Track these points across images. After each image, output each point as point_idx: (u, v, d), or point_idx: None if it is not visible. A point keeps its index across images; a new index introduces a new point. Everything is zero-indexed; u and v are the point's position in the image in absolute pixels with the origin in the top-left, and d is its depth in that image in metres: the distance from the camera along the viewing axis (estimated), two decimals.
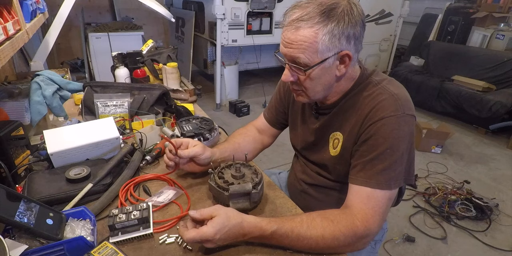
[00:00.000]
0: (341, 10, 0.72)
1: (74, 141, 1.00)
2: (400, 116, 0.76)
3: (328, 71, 0.79)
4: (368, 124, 0.79)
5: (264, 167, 2.65)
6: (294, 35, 0.74)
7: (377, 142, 0.77)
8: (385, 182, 0.76)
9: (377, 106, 0.79)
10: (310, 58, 0.75)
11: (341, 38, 0.73)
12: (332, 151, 0.92)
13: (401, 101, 0.78)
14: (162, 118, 1.38)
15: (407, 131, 0.77)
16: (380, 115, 0.77)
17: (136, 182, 0.97)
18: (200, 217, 0.71)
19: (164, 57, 1.92)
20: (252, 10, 3.55)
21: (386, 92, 0.80)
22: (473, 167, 2.85)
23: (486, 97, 3.30)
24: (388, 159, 0.76)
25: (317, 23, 0.72)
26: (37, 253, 0.62)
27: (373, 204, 0.76)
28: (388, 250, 1.91)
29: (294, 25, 0.74)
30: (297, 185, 1.10)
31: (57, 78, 1.24)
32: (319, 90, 0.83)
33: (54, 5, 2.38)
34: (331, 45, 0.73)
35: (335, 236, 0.72)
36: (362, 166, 0.79)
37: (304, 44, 0.74)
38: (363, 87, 0.85)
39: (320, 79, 0.80)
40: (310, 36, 0.72)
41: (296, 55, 0.76)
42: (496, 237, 2.04)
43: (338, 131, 0.90)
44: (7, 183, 0.85)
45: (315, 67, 0.76)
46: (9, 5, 1.04)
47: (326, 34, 0.72)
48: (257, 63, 4.47)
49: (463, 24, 4.36)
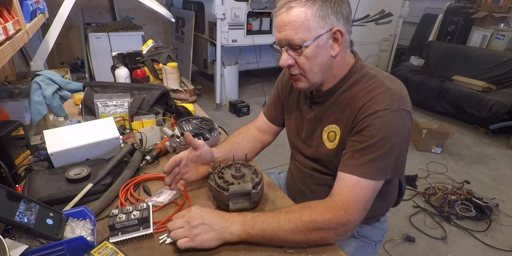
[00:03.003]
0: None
1: (74, 141, 1.00)
2: (394, 110, 0.77)
3: (323, 50, 0.81)
4: (362, 116, 0.80)
5: (264, 167, 2.65)
6: (287, 16, 0.77)
7: (370, 133, 0.78)
8: (372, 172, 0.78)
9: (372, 99, 0.80)
10: (304, 37, 0.78)
11: (330, 15, 0.78)
12: (329, 144, 0.93)
13: (397, 96, 0.79)
14: (162, 118, 1.38)
15: (401, 125, 0.78)
16: (375, 108, 0.78)
17: (136, 182, 0.97)
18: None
19: (164, 57, 1.92)
20: (252, 10, 3.55)
21: (382, 86, 0.82)
22: (473, 167, 2.85)
23: (486, 97, 3.29)
24: (378, 151, 0.77)
25: (306, 1, 0.76)
26: (37, 253, 0.62)
27: (356, 193, 0.77)
28: (388, 250, 1.91)
29: (285, 7, 0.78)
30: (294, 186, 1.11)
31: (57, 78, 1.24)
32: (317, 70, 0.84)
33: (54, 5, 2.38)
34: (322, 22, 0.77)
35: (312, 217, 0.74)
36: (351, 154, 0.81)
37: (296, 23, 0.77)
38: (359, 78, 0.86)
39: (316, 59, 0.82)
40: (301, 15, 0.76)
41: (291, 37, 0.78)
42: (496, 237, 2.04)
43: (334, 124, 0.90)
44: (7, 183, 0.85)
45: (309, 43, 0.79)
46: (9, 5, 1.04)
47: (316, 11, 0.76)
48: (257, 63, 4.47)
49: (463, 24, 4.36)
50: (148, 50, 1.98)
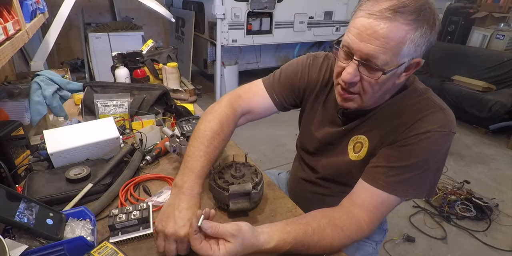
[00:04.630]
0: (434, 12, 0.64)
1: (74, 141, 1.00)
2: (446, 134, 0.72)
3: (393, 77, 0.71)
4: (410, 134, 0.73)
5: (264, 167, 2.65)
6: (383, 27, 0.61)
7: (413, 153, 0.73)
8: (403, 190, 0.74)
9: (425, 117, 0.73)
10: (390, 61, 0.65)
11: (425, 45, 0.65)
12: (353, 155, 0.86)
13: (450, 118, 0.74)
14: (162, 118, 1.38)
15: (446, 149, 0.75)
16: (427, 128, 0.72)
17: (136, 182, 0.97)
18: (214, 235, 0.62)
19: (164, 57, 1.92)
20: (252, 10, 3.55)
21: (435, 105, 0.76)
22: (473, 167, 2.85)
23: (486, 97, 3.29)
24: (416, 171, 0.73)
25: (414, 21, 0.61)
26: (37, 253, 0.62)
27: (383, 210, 0.75)
28: (388, 250, 1.91)
29: (385, 15, 0.61)
30: (299, 191, 1.08)
31: (57, 78, 1.24)
32: (376, 96, 0.75)
33: (54, 5, 2.38)
34: (413, 50, 0.65)
35: (342, 243, 0.73)
36: (385, 169, 0.75)
37: (391, 42, 0.62)
38: (406, 94, 0.79)
39: (384, 85, 0.72)
40: (401, 35, 0.62)
41: (376, 55, 0.64)
42: (496, 237, 2.04)
43: (364, 135, 0.83)
44: (7, 183, 0.85)
45: (392, 70, 0.66)
46: (9, 5, 1.04)
47: (417, 37, 0.63)
48: (257, 63, 4.47)
49: (463, 24, 4.36)
50: (148, 50, 1.98)
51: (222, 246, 0.61)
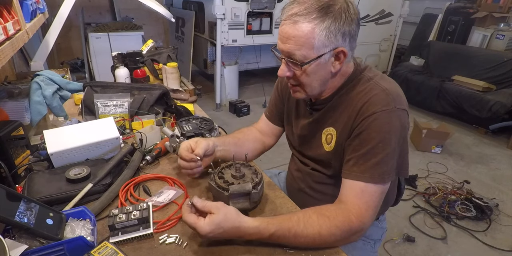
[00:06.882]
0: (338, 7, 0.74)
1: (74, 141, 1.00)
2: (391, 111, 0.77)
3: (323, 67, 0.80)
4: (360, 119, 0.80)
5: (264, 167, 2.63)
6: (292, 30, 0.75)
7: (369, 137, 0.78)
8: (378, 176, 0.78)
9: (368, 101, 0.80)
10: (306, 54, 0.76)
11: (337, 35, 0.75)
12: (326, 146, 0.93)
13: (392, 96, 0.79)
14: (162, 118, 1.38)
15: (398, 125, 0.78)
16: (372, 110, 0.78)
17: (136, 182, 0.97)
18: (201, 209, 0.73)
19: (164, 57, 1.92)
20: (252, 10, 3.55)
21: (377, 87, 0.82)
22: (473, 167, 2.85)
23: (486, 97, 3.30)
24: (381, 153, 0.77)
25: (315, 18, 0.73)
26: (37, 253, 0.62)
27: (366, 199, 0.78)
28: (388, 250, 1.91)
29: (292, 19, 0.75)
30: (294, 184, 1.11)
31: (57, 78, 1.24)
32: (315, 85, 0.85)
33: (54, 5, 2.38)
34: (327, 41, 0.75)
35: (331, 232, 0.74)
36: (355, 160, 0.80)
37: (301, 39, 0.75)
38: (356, 82, 0.87)
39: (316, 75, 0.82)
40: (307, 32, 0.74)
41: (293, 52, 0.77)
42: (496, 237, 2.04)
43: (331, 127, 0.91)
44: (7, 183, 0.85)
45: (311, 62, 0.78)
46: (9, 5, 1.04)
47: (323, 30, 0.74)
48: (257, 63, 4.47)
49: (463, 24, 4.36)
50: (148, 50, 1.98)
51: (207, 218, 0.70)
